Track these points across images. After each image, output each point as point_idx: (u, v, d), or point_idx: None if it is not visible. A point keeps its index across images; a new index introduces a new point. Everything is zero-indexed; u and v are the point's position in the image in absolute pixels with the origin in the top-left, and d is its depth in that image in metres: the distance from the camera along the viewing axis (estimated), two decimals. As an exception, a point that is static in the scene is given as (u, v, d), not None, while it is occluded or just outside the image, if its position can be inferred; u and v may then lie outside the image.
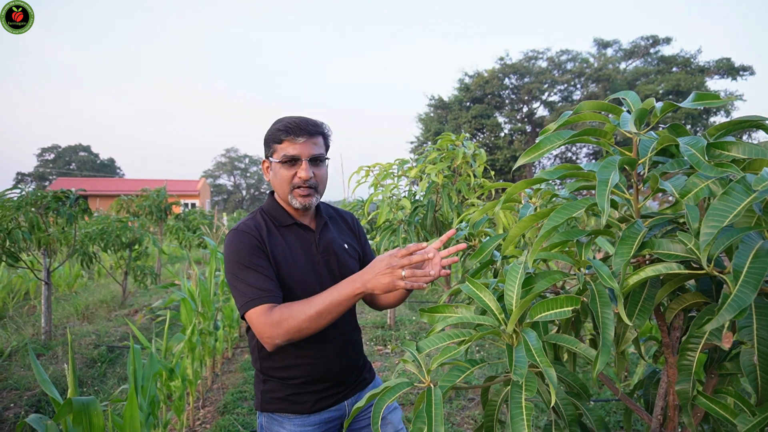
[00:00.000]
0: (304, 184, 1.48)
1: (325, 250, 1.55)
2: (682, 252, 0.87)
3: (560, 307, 0.91)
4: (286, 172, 1.48)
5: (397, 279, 1.25)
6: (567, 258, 1.01)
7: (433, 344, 0.98)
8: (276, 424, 1.51)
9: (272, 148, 1.49)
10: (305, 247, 1.53)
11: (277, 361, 1.50)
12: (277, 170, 1.49)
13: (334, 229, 1.64)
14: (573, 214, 0.91)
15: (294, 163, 1.47)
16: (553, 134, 1.05)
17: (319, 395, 1.51)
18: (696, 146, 0.90)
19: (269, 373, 1.52)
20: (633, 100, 1.07)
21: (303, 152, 1.46)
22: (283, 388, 1.51)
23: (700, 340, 0.90)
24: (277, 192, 1.54)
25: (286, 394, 1.50)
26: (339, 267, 1.56)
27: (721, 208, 0.79)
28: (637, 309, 0.97)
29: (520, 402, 0.82)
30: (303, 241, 1.54)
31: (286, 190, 1.50)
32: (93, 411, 1.43)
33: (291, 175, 1.48)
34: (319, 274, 1.52)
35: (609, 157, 0.95)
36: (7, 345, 4.89)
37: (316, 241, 1.55)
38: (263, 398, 1.53)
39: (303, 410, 1.50)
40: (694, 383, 0.90)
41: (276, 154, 1.48)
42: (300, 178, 1.47)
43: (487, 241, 1.27)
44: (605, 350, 0.88)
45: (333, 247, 1.57)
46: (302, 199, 1.50)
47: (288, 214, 1.55)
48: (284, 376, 1.51)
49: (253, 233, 1.46)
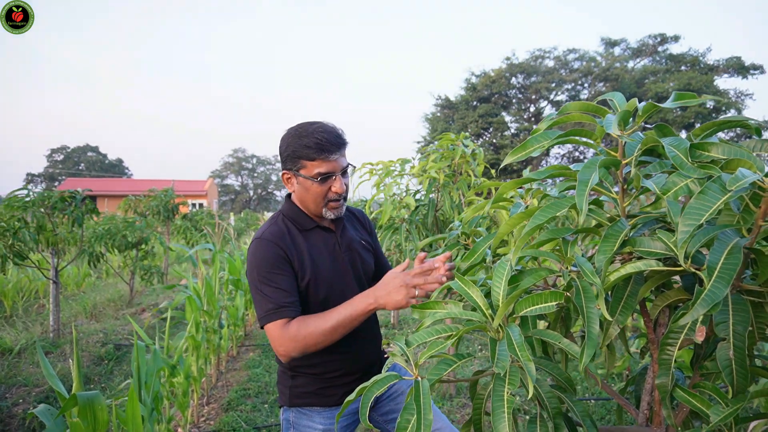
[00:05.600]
0: (339, 198, 1.53)
1: (347, 250, 1.62)
2: (662, 249, 0.90)
3: (545, 302, 0.94)
4: (320, 188, 1.50)
5: (410, 297, 1.33)
6: (553, 255, 1.03)
7: (422, 339, 1.02)
8: (305, 418, 1.57)
9: (300, 164, 1.49)
10: (329, 249, 1.58)
11: (309, 359, 1.54)
12: (308, 186, 1.50)
13: (350, 228, 1.70)
14: (556, 213, 0.94)
15: (327, 179, 1.49)
16: (540, 134, 1.08)
17: (348, 387, 1.57)
18: (679, 147, 0.92)
19: (300, 369, 1.57)
20: (619, 101, 1.09)
21: (336, 168, 1.49)
22: (313, 382, 1.57)
23: (679, 335, 0.92)
24: (306, 205, 1.56)
25: (316, 388, 1.56)
26: (361, 264, 1.64)
27: (697, 206, 0.81)
28: (621, 305, 1.00)
29: (502, 395, 0.85)
30: (326, 243, 1.59)
31: (319, 204, 1.53)
32: (97, 405, 1.48)
33: (325, 190, 1.51)
34: (345, 272, 1.58)
35: (593, 158, 0.98)
36: (17, 343, 4.97)
37: (338, 242, 1.61)
38: (292, 393, 1.58)
39: (332, 402, 1.57)
40: (673, 377, 0.92)
41: (306, 171, 1.49)
42: (335, 192, 1.51)
43: (480, 241, 1.30)
44: (591, 344, 0.90)
45: (354, 246, 1.64)
46: (336, 211, 1.55)
47: (309, 218, 1.58)
48: (316, 372, 1.56)
49: (278, 242, 1.49)
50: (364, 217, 1.80)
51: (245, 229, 16.27)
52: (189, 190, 32.54)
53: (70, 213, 5.14)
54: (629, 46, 30.57)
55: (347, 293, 1.52)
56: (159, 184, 10.02)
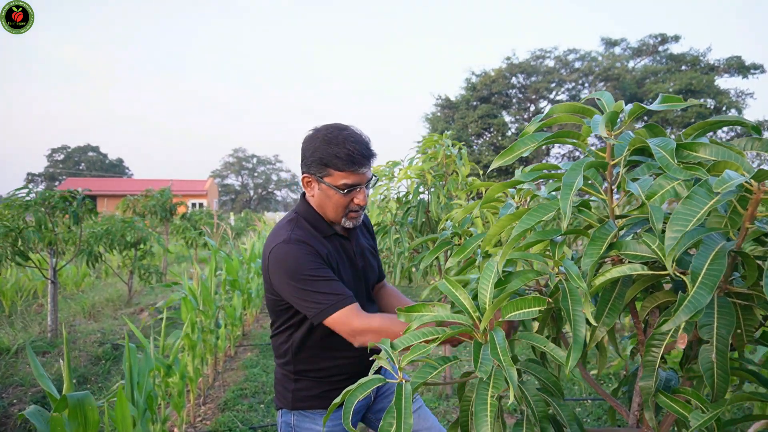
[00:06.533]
0: (359, 209, 1.50)
1: (361, 258, 1.60)
2: (647, 253, 0.89)
3: (528, 306, 0.94)
4: (343, 198, 1.46)
5: None
6: (540, 257, 1.03)
7: (407, 342, 1.01)
8: (308, 421, 1.53)
9: (327, 172, 1.43)
10: (348, 256, 1.56)
11: (315, 363, 1.52)
12: (330, 194, 1.46)
13: (360, 234, 1.67)
14: (543, 217, 0.93)
15: (352, 191, 1.46)
16: (528, 137, 1.08)
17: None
18: (666, 148, 0.91)
19: (304, 373, 1.53)
20: (607, 101, 1.09)
21: (362, 180, 1.46)
22: (317, 385, 1.53)
23: (664, 336, 0.91)
24: (325, 212, 1.51)
25: (321, 391, 1.53)
26: (371, 272, 1.63)
27: (684, 212, 0.80)
28: (608, 307, 0.99)
29: (485, 398, 0.85)
30: (345, 251, 1.56)
31: (339, 214, 1.49)
32: (88, 406, 1.47)
33: (347, 201, 1.47)
34: (359, 281, 1.57)
35: (580, 160, 0.97)
36: (14, 342, 4.97)
37: (354, 249, 1.58)
38: (294, 397, 1.54)
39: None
40: (657, 379, 0.92)
41: (331, 179, 1.44)
42: (358, 204, 1.48)
43: (471, 239, 1.29)
44: (577, 348, 0.90)
45: (366, 254, 1.63)
46: (354, 221, 1.52)
47: (328, 224, 1.53)
48: (320, 376, 1.53)
49: (310, 241, 1.44)
50: (367, 221, 1.77)
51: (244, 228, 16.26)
52: (189, 190, 32.57)
53: (70, 213, 5.15)
54: (630, 45, 30.56)
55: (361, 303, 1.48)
56: (159, 184, 10.01)
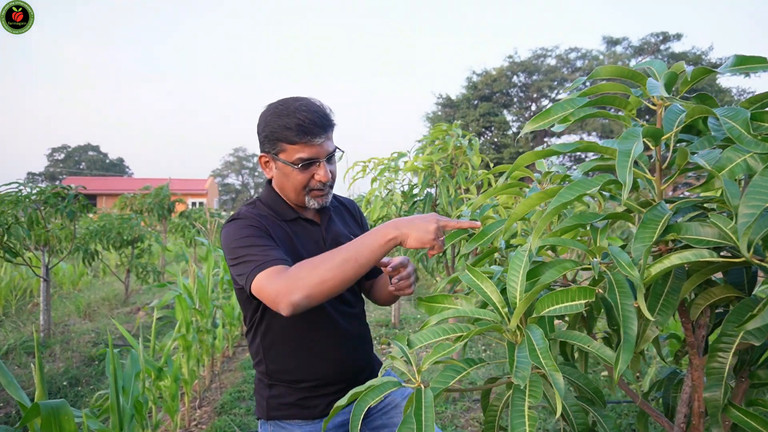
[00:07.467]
0: (323, 186, 1.35)
1: (333, 245, 1.37)
2: (715, 237, 0.75)
3: (571, 299, 0.79)
4: (301, 175, 1.32)
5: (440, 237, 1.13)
6: (579, 245, 0.88)
7: (426, 339, 0.86)
8: None
9: (280, 147, 1.31)
10: (312, 244, 1.40)
11: (286, 363, 1.37)
12: (287, 172, 1.33)
13: (338, 221, 1.51)
14: (587, 191, 0.79)
15: (310, 165, 1.32)
16: (567, 101, 0.93)
17: (332, 398, 1.37)
18: (736, 118, 0.76)
19: (277, 376, 1.39)
20: (659, 69, 0.95)
21: (320, 153, 1.31)
22: (292, 392, 1.38)
23: (734, 339, 0.77)
24: (286, 193, 1.39)
25: (296, 398, 1.37)
26: None
27: (763, 184, 0.66)
28: (660, 303, 0.85)
29: (522, 410, 0.70)
30: (309, 238, 1.40)
31: (300, 193, 1.35)
32: (63, 416, 1.30)
33: (307, 178, 1.33)
34: None
35: (632, 128, 0.82)
36: (5, 343, 4.83)
37: (324, 237, 1.42)
38: (269, 405, 1.39)
39: (314, 415, 1.37)
40: (726, 390, 0.77)
41: (285, 155, 1.31)
42: (319, 180, 1.33)
43: (492, 224, 1.14)
44: (627, 348, 0.75)
45: (341, 241, 1.41)
46: (320, 200, 1.37)
47: (291, 208, 1.41)
48: (294, 380, 1.37)
49: (260, 220, 1.31)
50: (354, 207, 1.61)
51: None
52: (189, 189, 32.44)
53: (62, 209, 5.00)
54: (631, 44, 30.43)
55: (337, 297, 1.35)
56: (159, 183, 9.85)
